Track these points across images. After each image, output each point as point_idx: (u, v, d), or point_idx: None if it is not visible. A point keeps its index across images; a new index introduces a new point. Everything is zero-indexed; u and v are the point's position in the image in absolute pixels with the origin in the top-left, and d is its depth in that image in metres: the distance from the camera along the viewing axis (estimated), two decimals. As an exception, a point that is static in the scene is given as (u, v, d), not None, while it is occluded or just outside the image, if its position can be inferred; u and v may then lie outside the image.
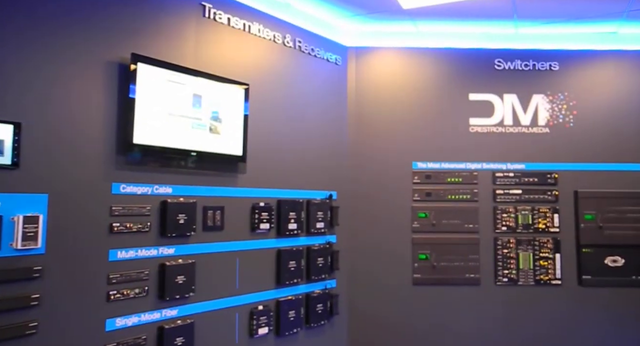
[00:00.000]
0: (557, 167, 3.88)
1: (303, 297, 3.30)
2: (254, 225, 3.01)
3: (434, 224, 3.78)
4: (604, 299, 3.75)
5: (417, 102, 3.90)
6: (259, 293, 3.01)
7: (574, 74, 3.97)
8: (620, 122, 3.89)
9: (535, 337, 3.72)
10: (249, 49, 3.12)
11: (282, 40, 3.34)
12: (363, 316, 3.71)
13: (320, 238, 3.48)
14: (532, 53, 3.98)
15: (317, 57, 3.61)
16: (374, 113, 3.89)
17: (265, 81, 3.21)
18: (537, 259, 3.79)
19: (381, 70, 3.94)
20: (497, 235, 3.80)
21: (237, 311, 2.86)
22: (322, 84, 3.65)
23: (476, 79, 3.94)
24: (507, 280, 3.77)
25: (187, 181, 2.65)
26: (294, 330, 3.19)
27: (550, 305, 3.75)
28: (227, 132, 2.82)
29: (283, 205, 3.20)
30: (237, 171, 2.95)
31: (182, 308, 2.54)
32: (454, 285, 3.75)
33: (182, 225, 2.55)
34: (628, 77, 3.95)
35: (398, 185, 3.81)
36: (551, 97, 3.95)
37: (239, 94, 2.92)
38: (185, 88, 2.59)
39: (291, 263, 3.21)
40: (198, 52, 2.77)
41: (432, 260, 3.75)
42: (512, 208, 3.83)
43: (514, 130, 3.92)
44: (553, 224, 3.83)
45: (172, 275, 2.47)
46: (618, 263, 3.77)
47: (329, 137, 3.66)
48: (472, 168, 3.86)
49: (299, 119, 3.42)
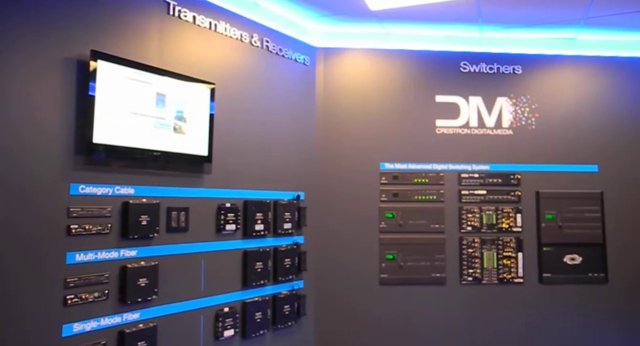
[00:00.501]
0: (520, 168, 3.98)
1: (270, 298, 3.28)
2: (220, 226, 2.97)
3: (401, 224, 3.82)
4: (563, 296, 3.87)
5: (385, 103, 3.93)
6: (225, 295, 2.98)
7: (536, 78, 4.08)
8: (578, 125, 4.03)
9: (499, 334, 3.81)
10: (215, 48, 3.08)
11: (249, 39, 3.31)
12: (331, 317, 3.72)
13: (287, 239, 3.47)
14: (497, 57, 4.07)
15: (285, 57, 3.60)
16: (342, 114, 3.90)
17: (232, 81, 3.18)
18: (501, 258, 3.88)
19: (349, 71, 3.96)
20: (462, 235, 3.88)
21: (202, 314, 2.82)
22: (290, 85, 3.64)
23: (442, 81, 4.01)
24: (471, 279, 3.84)
25: (150, 182, 2.59)
26: (260, 332, 3.17)
27: (513, 303, 3.84)
28: (192, 131, 2.78)
29: (249, 205, 3.17)
30: (202, 171, 2.91)
31: (145, 312, 2.49)
32: (421, 285, 3.80)
33: (144, 227, 2.49)
34: (586, 81, 4.09)
35: (365, 186, 3.84)
36: (514, 99, 4.05)
37: (205, 94, 2.88)
38: (149, 86, 2.53)
39: (258, 265, 3.19)
40: (162, 50, 2.72)
41: (399, 260, 3.79)
42: (477, 208, 3.91)
43: (479, 131, 4.00)
44: (516, 224, 3.92)
45: (133, 278, 2.41)
46: (576, 261, 3.89)
47: (296, 138, 3.65)
48: (439, 169, 3.92)
49: (266, 119, 3.40)
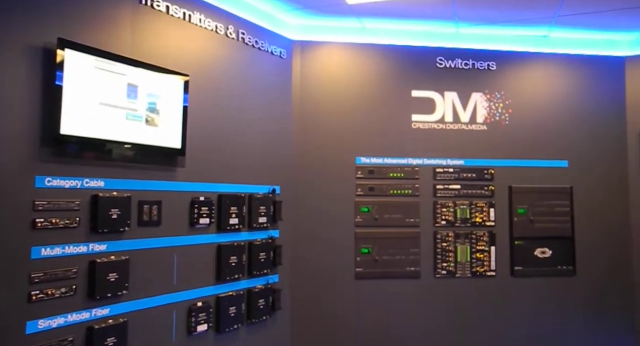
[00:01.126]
0: (493, 163, 4.04)
1: (244, 293, 3.26)
2: (193, 220, 2.93)
3: (377, 218, 3.84)
4: (534, 288, 3.96)
5: (362, 97, 3.93)
6: (198, 289, 2.94)
7: (510, 74, 4.14)
8: (550, 121, 4.11)
9: (472, 327, 3.87)
10: (190, 39, 3.03)
11: (224, 31, 3.27)
12: (306, 311, 3.72)
13: (262, 233, 3.44)
14: (472, 52, 4.12)
15: (261, 49, 3.56)
16: (318, 108, 3.89)
17: (207, 72, 3.13)
18: (474, 252, 3.94)
19: (326, 65, 3.94)
20: (436, 229, 3.92)
21: (175, 309, 2.78)
22: (266, 77, 3.61)
23: (419, 76, 4.03)
24: (445, 273, 3.89)
25: (121, 174, 2.54)
26: (234, 326, 3.15)
27: (486, 295, 3.91)
28: (165, 124, 2.73)
29: (224, 199, 3.14)
30: (175, 164, 2.86)
31: (114, 307, 2.44)
32: (395, 278, 3.83)
33: (115, 221, 2.44)
34: (557, 78, 4.17)
35: (341, 180, 3.84)
36: (489, 95, 4.10)
37: (179, 85, 2.83)
38: (120, 77, 2.47)
39: (232, 259, 3.16)
40: (134, 40, 2.65)
41: (374, 253, 3.81)
42: (452, 202, 3.95)
43: (454, 126, 4.04)
44: (489, 218, 3.99)
45: (103, 273, 2.36)
46: (546, 254, 3.99)
47: (272, 131, 3.63)
48: (414, 163, 3.95)
49: (242, 112, 3.36)
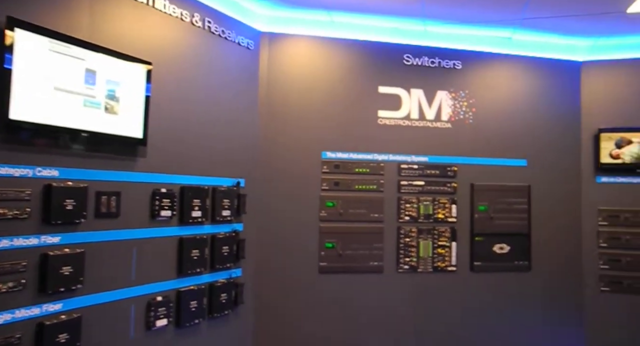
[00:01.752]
0: (456, 161, 4.12)
1: (206, 287, 3.20)
2: (154, 212, 2.84)
3: (341, 213, 3.84)
4: (492, 283, 4.08)
5: (329, 91, 3.92)
6: (158, 283, 2.86)
7: (475, 74, 4.22)
8: (511, 121, 4.23)
9: (433, 320, 3.95)
10: (153, 25, 2.92)
11: (190, 18, 3.17)
12: (269, 305, 3.69)
13: (226, 226, 3.38)
14: (439, 51, 4.17)
15: (227, 39, 3.48)
16: (285, 101, 3.84)
17: (171, 61, 3.03)
18: (436, 247, 4.01)
19: (294, 58, 3.90)
20: (400, 225, 3.96)
21: (133, 303, 2.69)
22: (232, 68, 3.53)
23: (386, 72, 4.05)
24: (408, 267, 3.95)
25: (77, 164, 2.42)
26: (195, 321, 3.08)
27: (446, 290, 4.00)
28: (126, 112, 2.62)
29: (187, 191, 3.06)
30: (136, 154, 2.76)
31: (68, 302, 2.33)
32: (359, 273, 3.86)
33: (69, 212, 2.33)
34: (519, 80, 4.29)
35: (307, 174, 3.82)
36: (454, 94, 4.17)
37: (141, 73, 2.72)
38: (77, 62, 2.35)
39: (194, 252, 3.09)
40: (93, 24, 2.53)
41: (338, 248, 3.82)
42: (415, 198, 4.00)
43: (419, 124, 4.09)
44: (451, 214, 4.07)
45: (56, 266, 2.25)
46: (504, 250, 4.11)
47: (238, 123, 3.56)
48: (379, 159, 3.97)
49: (206, 103, 3.28)
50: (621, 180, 4.22)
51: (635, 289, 4.09)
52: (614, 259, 4.15)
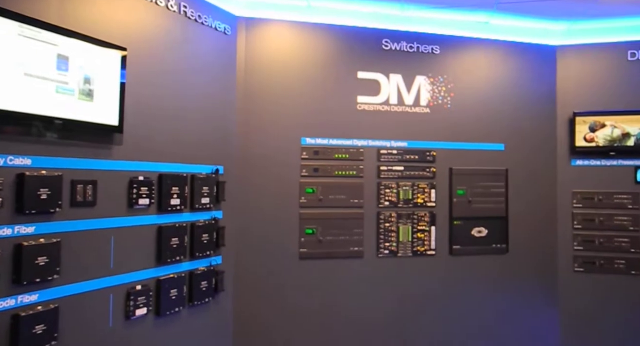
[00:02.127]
0: (435, 145, 4.15)
1: (186, 275, 3.19)
2: (132, 200, 2.81)
3: (321, 199, 3.85)
4: (471, 266, 4.15)
5: (307, 77, 3.89)
6: (137, 272, 2.84)
7: (453, 58, 4.24)
8: (488, 106, 4.27)
9: (413, 304, 4.01)
10: (127, 10, 2.84)
11: (165, 3, 3.10)
12: (249, 292, 3.70)
13: (205, 213, 3.36)
14: (417, 36, 4.17)
15: (204, 24, 3.42)
16: (263, 87, 3.81)
17: (146, 46, 2.96)
18: (415, 232, 4.06)
19: (272, 43, 3.85)
20: (380, 210, 3.99)
21: (112, 293, 2.66)
22: (209, 54, 3.48)
23: (365, 57, 4.03)
24: (388, 252, 3.99)
25: (51, 152, 2.37)
26: (175, 309, 3.07)
27: (426, 273, 4.06)
28: (101, 99, 2.56)
29: (165, 179, 3.03)
30: (112, 142, 2.71)
31: (44, 293, 2.29)
32: (339, 258, 3.88)
33: (44, 201, 2.28)
34: (496, 64, 4.32)
35: (286, 161, 3.81)
36: (432, 79, 4.19)
37: (116, 59, 2.65)
38: (48, 47, 2.28)
39: (173, 240, 3.07)
40: (63, 8, 2.45)
41: (319, 234, 3.83)
42: (395, 184, 4.03)
43: (398, 109, 4.10)
44: (430, 199, 4.11)
45: (30, 257, 2.21)
46: (482, 233, 4.18)
47: (216, 110, 3.52)
48: (359, 145, 3.98)
49: (183, 89, 3.23)
50: (595, 163, 4.32)
51: (607, 269, 4.22)
52: (588, 240, 4.27)
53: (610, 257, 4.22)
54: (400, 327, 3.99)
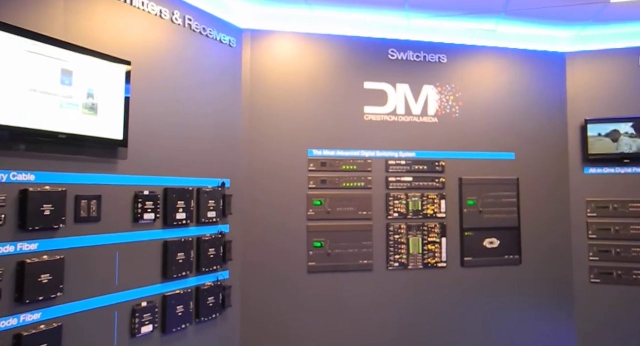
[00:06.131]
0: (444, 156, 4.08)
1: (193, 290, 3.13)
2: (137, 215, 2.77)
3: (329, 212, 3.79)
4: (483, 278, 4.05)
5: (314, 88, 3.86)
6: (143, 288, 2.79)
7: (461, 67, 4.19)
8: (498, 114, 4.21)
9: (424, 317, 3.92)
10: (131, 24, 2.84)
11: (170, 16, 3.09)
12: (257, 308, 3.63)
13: (212, 228, 3.32)
14: (424, 45, 4.13)
15: (209, 37, 3.41)
16: (269, 99, 3.78)
17: (152, 60, 2.95)
18: (426, 244, 3.97)
19: (277, 55, 3.83)
20: (389, 222, 3.92)
21: (117, 310, 2.61)
22: (215, 67, 3.46)
23: (371, 67, 4.00)
24: (398, 265, 3.91)
25: (55, 167, 2.34)
26: (182, 326, 3.01)
27: (437, 286, 3.96)
28: (105, 113, 2.54)
29: (170, 193, 2.99)
30: (117, 156, 2.68)
31: (47, 311, 2.25)
32: (348, 272, 3.81)
33: (47, 217, 2.25)
34: (504, 72, 4.27)
35: (293, 173, 3.76)
36: (440, 88, 4.14)
37: (120, 73, 2.64)
38: (52, 62, 2.27)
39: (180, 255, 3.02)
40: (68, 22, 2.45)
41: (327, 247, 3.76)
42: (404, 195, 3.96)
43: (406, 119, 4.05)
44: (440, 210, 4.03)
45: (34, 274, 2.17)
46: (494, 244, 4.09)
47: (222, 123, 3.49)
48: (367, 156, 3.92)
49: (189, 102, 3.21)
50: (609, 171, 4.22)
51: (624, 280, 4.09)
52: (604, 250, 4.15)
53: (628, 268, 4.10)
54: (413, 342, 3.88)
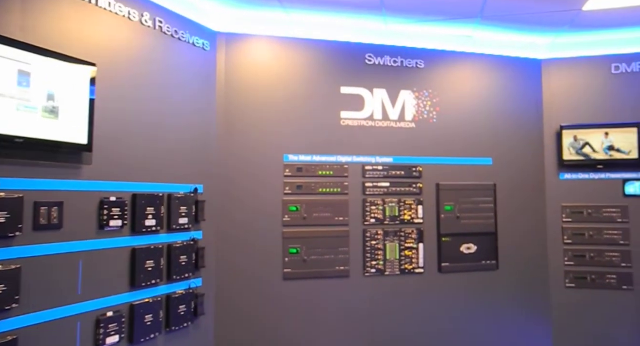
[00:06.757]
0: (421, 161, 4.06)
1: (163, 299, 3.04)
2: (103, 222, 2.67)
3: (305, 217, 3.73)
4: (461, 283, 4.03)
5: (289, 92, 3.81)
6: (108, 297, 2.69)
7: (438, 73, 4.19)
8: (475, 120, 4.21)
9: (401, 323, 3.87)
10: (97, 25, 2.75)
11: (138, 18, 3.02)
12: (232, 315, 3.55)
13: (183, 234, 3.23)
14: (401, 50, 4.12)
15: (181, 40, 3.34)
16: (244, 103, 3.72)
17: (119, 62, 2.87)
18: (403, 249, 3.94)
19: (253, 59, 3.78)
20: (365, 227, 3.88)
21: (79, 320, 2.51)
22: (187, 70, 3.39)
23: (348, 72, 3.97)
24: (375, 271, 3.86)
25: (11, 172, 2.24)
26: (151, 335, 2.92)
27: (414, 292, 3.93)
28: (68, 116, 2.45)
29: (139, 199, 2.90)
30: (81, 161, 2.59)
31: (1, 323, 2.14)
32: (324, 278, 3.75)
33: (2, 225, 2.15)
34: (481, 78, 4.28)
35: (269, 178, 3.70)
36: (417, 93, 4.12)
37: (84, 75, 2.55)
38: (7, 62, 2.18)
39: (148, 263, 2.94)
40: (25, 22, 2.35)
41: (303, 253, 3.70)
42: (380, 200, 3.93)
43: (382, 124, 4.02)
44: (417, 215, 4.01)
45: (-14, 285, 2.07)
46: (471, 250, 4.07)
47: (194, 127, 3.42)
48: (343, 161, 3.88)
49: (160, 106, 3.13)
50: (583, 177, 4.25)
51: (598, 284, 4.11)
52: (579, 255, 4.17)
53: (601, 272, 4.12)
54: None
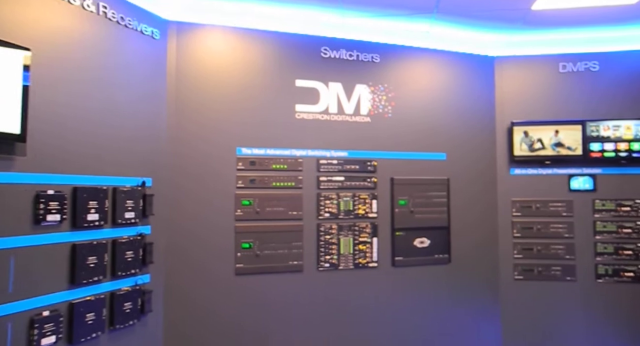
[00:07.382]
0: (376, 155, 4.07)
1: (106, 296, 2.93)
2: (39, 216, 2.53)
3: (258, 212, 3.68)
4: (414, 277, 4.08)
5: (243, 84, 3.73)
6: (45, 296, 2.56)
7: (393, 67, 4.20)
8: (430, 115, 4.25)
9: (354, 319, 3.88)
10: (33, 7, 2.59)
11: (80, 2, 2.87)
12: (182, 312, 3.46)
13: (129, 229, 3.12)
14: (357, 44, 4.10)
15: (128, 27, 3.21)
16: (197, 95, 3.61)
17: (58, 48, 2.72)
18: (357, 244, 3.94)
19: (206, 49, 3.67)
20: (320, 222, 3.86)
21: (10, 321, 2.37)
22: (134, 59, 3.26)
23: (303, 65, 3.92)
24: (328, 265, 3.85)
25: None
26: (93, 335, 2.80)
27: (368, 286, 3.94)
28: (-2, 104, 2.31)
29: (80, 193, 2.77)
30: (13, 153, 2.44)
31: None
32: (278, 273, 3.71)
33: None
34: (437, 74, 4.32)
35: (221, 172, 3.62)
36: (373, 87, 4.12)
37: (16, 60, 2.40)
38: None
39: (90, 259, 2.81)
40: (-48, 1, 2.20)
41: (256, 248, 3.65)
42: (335, 194, 3.91)
43: (338, 118, 4.00)
44: (372, 210, 4.02)
45: None
46: (425, 244, 4.12)
47: (143, 118, 3.30)
48: (297, 155, 3.84)
49: (103, 95, 3.00)
50: (532, 172, 4.37)
51: (544, 276, 4.26)
52: (527, 248, 4.30)
53: (547, 264, 4.26)
54: (344, 341, 3.84)
